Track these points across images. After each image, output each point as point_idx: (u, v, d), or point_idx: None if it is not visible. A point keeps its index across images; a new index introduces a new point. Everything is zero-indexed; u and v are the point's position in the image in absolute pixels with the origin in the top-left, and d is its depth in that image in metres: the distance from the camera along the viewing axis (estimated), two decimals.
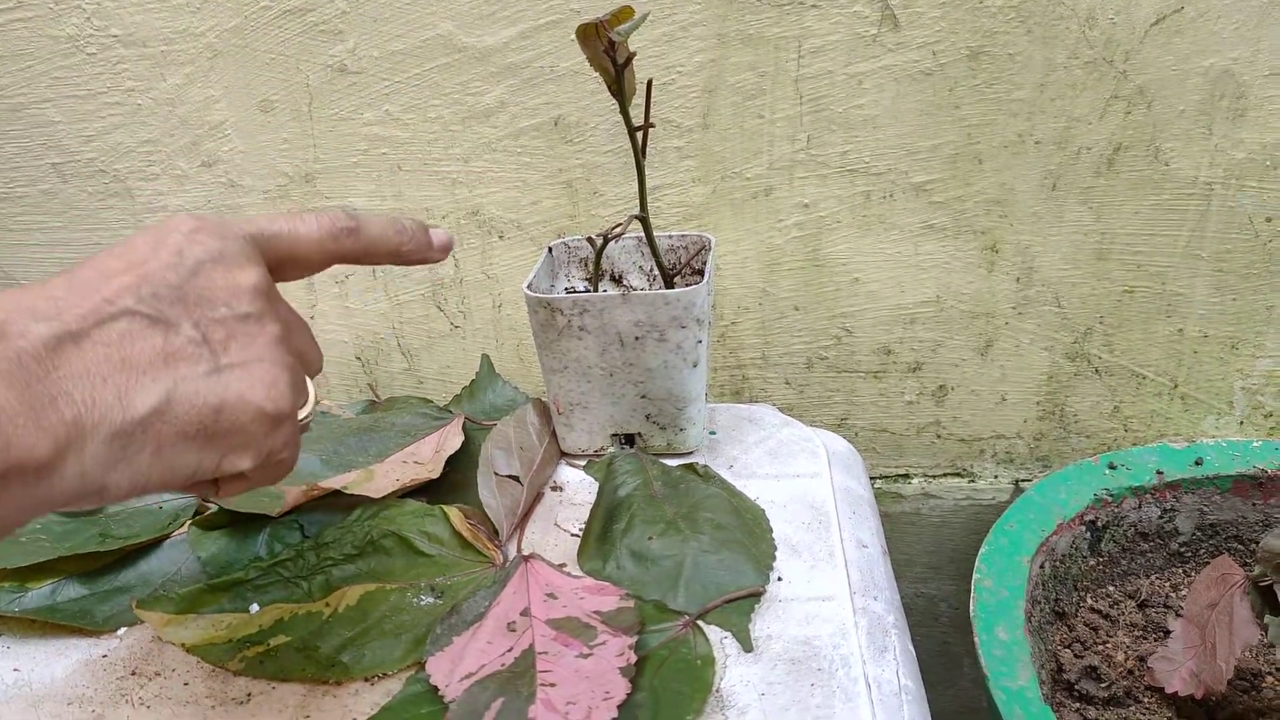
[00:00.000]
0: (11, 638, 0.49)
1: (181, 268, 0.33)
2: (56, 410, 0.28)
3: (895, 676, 0.44)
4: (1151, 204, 0.68)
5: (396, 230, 0.42)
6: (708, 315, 0.57)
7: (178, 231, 0.34)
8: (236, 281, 0.34)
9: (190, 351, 0.32)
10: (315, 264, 0.39)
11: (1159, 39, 0.62)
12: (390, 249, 0.41)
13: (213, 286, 0.33)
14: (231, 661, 0.45)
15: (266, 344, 0.35)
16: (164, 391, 0.31)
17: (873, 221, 0.70)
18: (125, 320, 0.31)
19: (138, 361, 0.31)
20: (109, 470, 0.30)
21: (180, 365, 0.32)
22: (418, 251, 0.43)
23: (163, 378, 0.31)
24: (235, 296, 0.34)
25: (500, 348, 0.79)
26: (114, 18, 0.68)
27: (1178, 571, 0.70)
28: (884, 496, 0.81)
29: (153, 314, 0.31)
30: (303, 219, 0.39)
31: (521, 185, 0.72)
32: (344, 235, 0.39)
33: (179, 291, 0.32)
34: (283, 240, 0.38)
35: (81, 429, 0.29)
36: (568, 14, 0.65)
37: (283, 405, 0.34)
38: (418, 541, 0.51)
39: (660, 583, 0.49)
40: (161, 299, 0.32)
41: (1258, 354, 0.72)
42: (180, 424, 0.31)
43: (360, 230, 0.40)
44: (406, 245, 0.42)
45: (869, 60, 0.65)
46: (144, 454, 0.31)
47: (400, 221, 0.42)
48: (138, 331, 0.31)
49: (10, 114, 0.73)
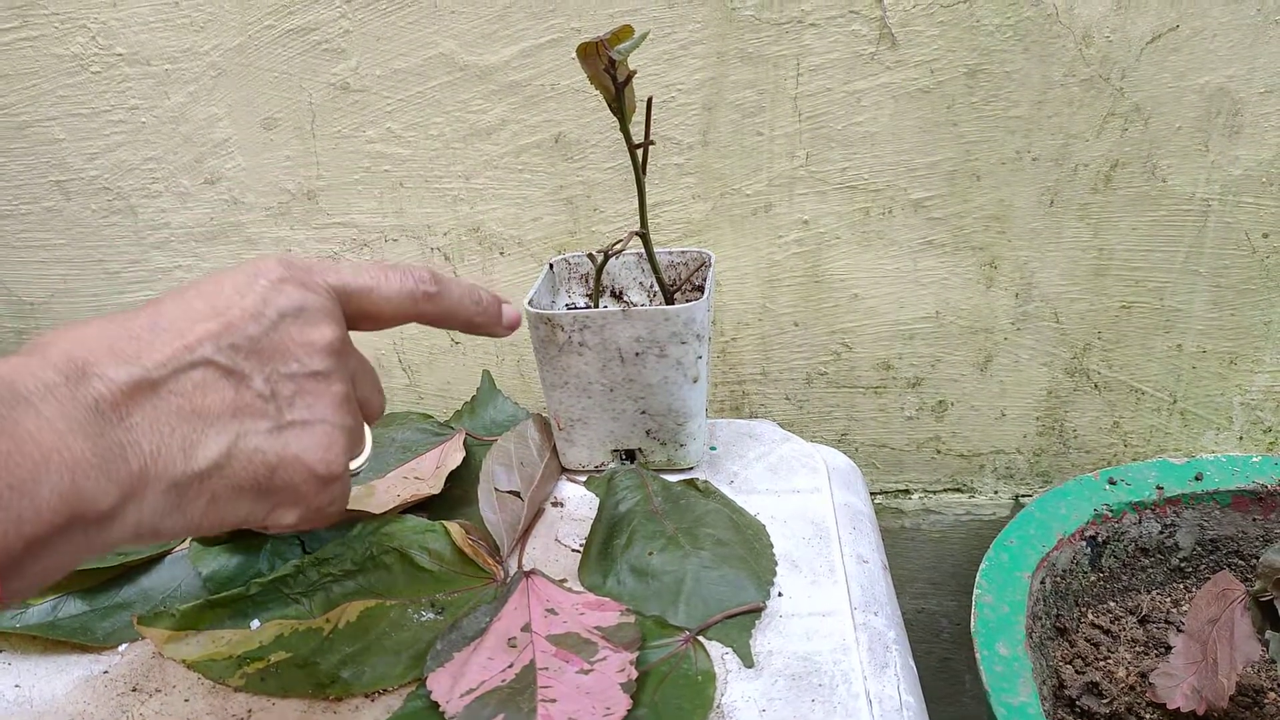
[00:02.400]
0: (12, 654, 0.49)
1: (263, 319, 0.33)
2: (125, 462, 0.28)
3: (896, 692, 0.44)
4: (1149, 220, 0.68)
5: (474, 301, 0.42)
6: (708, 331, 0.57)
7: (265, 277, 0.34)
8: (312, 338, 0.34)
9: (258, 406, 0.32)
10: (391, 322, 0.39)
11: (1155, 57, 0.63)
12: (464, 318, 0.42)
13: (290, 341, 0.34)
14: (232, 678, 0.44)
15: (330, 405, 0.35)
16: (227, 445, 0.31)
17: (872, 238, 0.71)
18: (201, 370, 0.31)
19: (207, 413, 0.31)
20: (164, 518, 0.30)
21: (245, 419, 0.32)
22: (488, 326, 0.43)
23: (228, 430, 0.31)
24: (310, 353, 0.34)
25: (501, 363, 0.80)
26: (119, 37, 0.69)
27: (1178, 587, 0.70)
28: (884, 512, 0.81)
29: (229, 365, 0.32)
30: (388, 275, 0.39)
31: (522, 202, 0.72)
32: (424, 300, 0.40)
33: (256, 344, 0.33)
34: (366, 297, 0.38)
35: (145, 480, 0.29)
36: (568, 33, 0.66)
37: (335, 469, 0.35)
38: (418, 557, 0.51)
39: (661, 598, 0.49)
40: (239, 350, 0.32)
41: (1256, 369, 0.72)
42: (237, 479, 0.32)
43: (441, 296, 0.40)
44: (479, 318, 0.42)
45: (867, 78, 0.65)
46: (198, 504, 0.31)
47: (478, 292, 0.42)
48: (212, 382, 0.31)
49: (15, 131, 0.73)
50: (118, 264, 0.78)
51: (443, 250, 0.75)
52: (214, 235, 0.76)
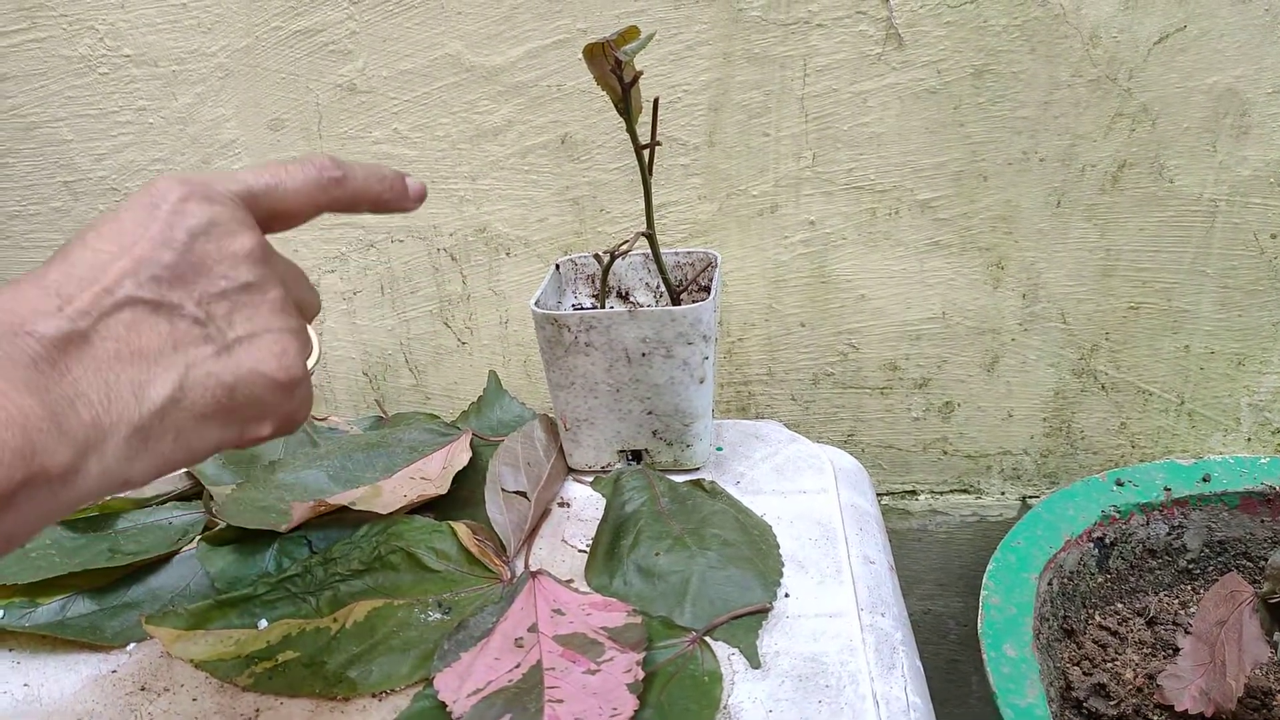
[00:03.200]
0: (22, 653, 0.49)
1: (175, 243, 0.32)
2: (76, 414, 0.28)
3: (903, 693, 0.44)
4: (1156, 221, 0.68)
5: (379, 179, 0.41)
6: (714, 332, 0.57)
7: (165, 202, 0.33)
8: (232, 250, 0.33)
9: (197, 333, 0.31)
10: (304, 215, 0.38)
11: (1162, 57, 0.62)
12: (372, 197, 0.41)
13: (209, 259, 0.32)
14: (240, 677, 0.45)
15: (271, 311, 0.34)
16: (177, 378, 0.30)
17: (878, 238, 0.70)
18: (129, 310, 0.30)
19: (147, 351, 0.30)
20: (130, 463, 0.30)
21: (189, 349, 0.31)
22: (396, 200, 0.42)
23: (174, 364, 0.31)
24: (233, 267, 0.33)
25: (507, 364, 0.80)
26: (126, 38, 0.69)
27: (1186, 589, 0.69)
28: (891, 513, 0.81)
29: (155, 299, 0.31)
30: (289, 170, 0.37)
31: (529, 203, 0.72)
32: (332, 185, 0.38)
33: (176, 270, 0.32)
34: (272, 195, 0.37)
35: (101, 429, 0.28)
36: (575, 34, 0.66)
37: (295, 371, 0.34)
38: (425, 557, 0.51)
39: (667, 599, 0.49)
40: (160, 281, 0.31)
41: (1264, 370, 0.72)
42: (197, 407, 0.31)
43: (346, 179, 0.39)
44: (386, 194, 0.41)
45: (874, 79, 0.65)
46: (164, 442, 0.30)
47: (380, 169, 0.41)
48: (143, 320, 0.30)
49: (23, 133, 0.74)
50: None
51: (449, 251, 0.75)
52: None
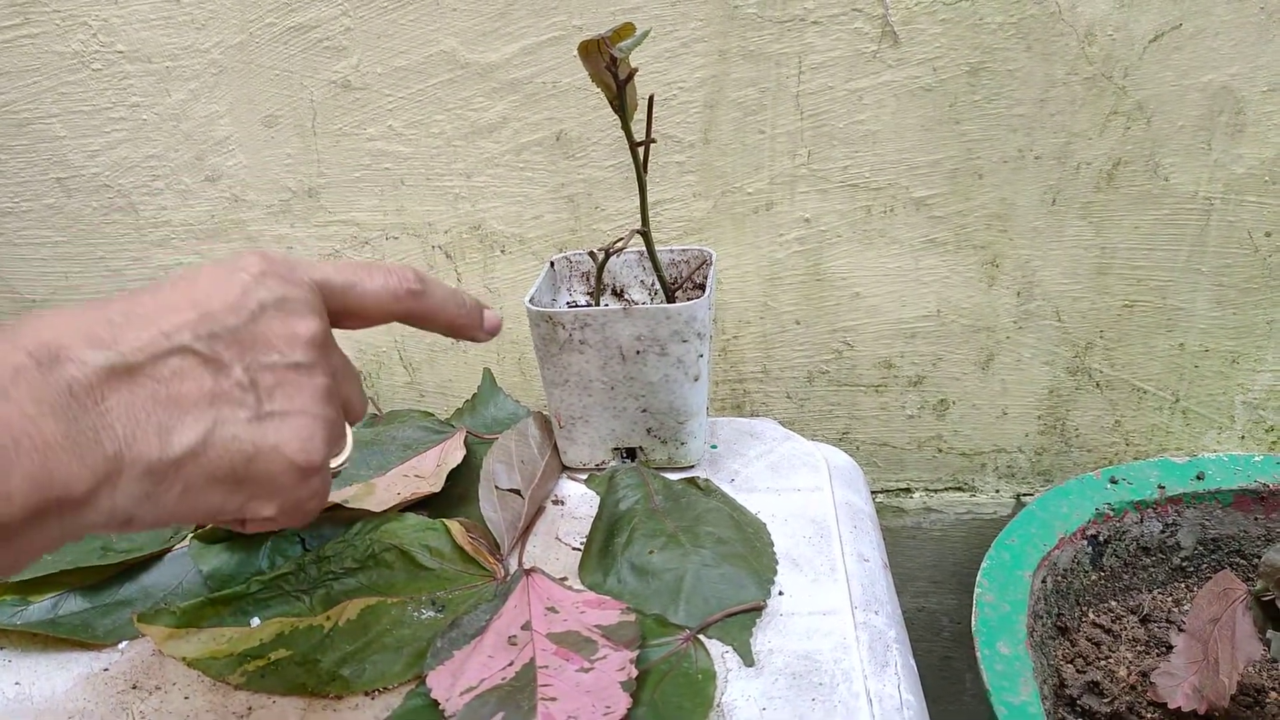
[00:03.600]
0: (13, 651, 0.49)
1: (243, 310, 0.33)
2: (99, 445, 0.28)
3: (897, 691, 0.44)
4: (1151, 219, 0.68)
5: (457, 303, 0.42)
6: (709, 329, 0.57)
7: (245, 272, 0.34)
8: (294, 330, 0.34)
9: (236, 395, 0.32)
10: (375, 319, 0.39)
11: (1158, 55, 0.62)
12: (447, 319, 0.41)
13: (270, 332, 0.33)
14: (232, 675, 0.45)
15: (311, 396, 0.34)
16: (203, 432, 0.31)
17: (873, 236, 0.70)
18: (179, 358, 0.31)
19: (184, 400, 0.30)
20: (139, 504, 0.30)
21: (223, 407, 0.31)
22: (470, 329, 0.43)
23: (204, 418, 0.31)
24: (291, 344, 0.34)
25: (502, 361, 0.80)
26: (119, 34, 0.69)
27: (1180, 586, 0.70)
28: (885, 511, 0.81)
29: (207, 353, 0.31)
30: (371, 273, 0.38)
31: (523, 200, 0.72)
32: (409, 298, 0.39)
33: (236, 334, 0.32)
34: (349, 293, 0.37)
35: (120, 464, 0.28)
36: (570, 30, 0.65)
37: (314, 460, 0.34)
38: (419, 555, 0.51)
39: (661, 597, 0.49)
40: (218, 339, 0.32)
41: (1258, 368, 0.72)
42: (213, 466, 0.31)
43: (425, 295, 0.40)
44: (461, 319, 0.42)
45: (869, 76, 0.65)
46: (172, 491, 0.30)
47: (461, 295, 0.42)
48: (189, 370, 0.31)
49: (16, 129, 0.73)
50: (119, 261, 0.78)
51: (444, 248, 0.75)
52: (215, 233, 0.76)
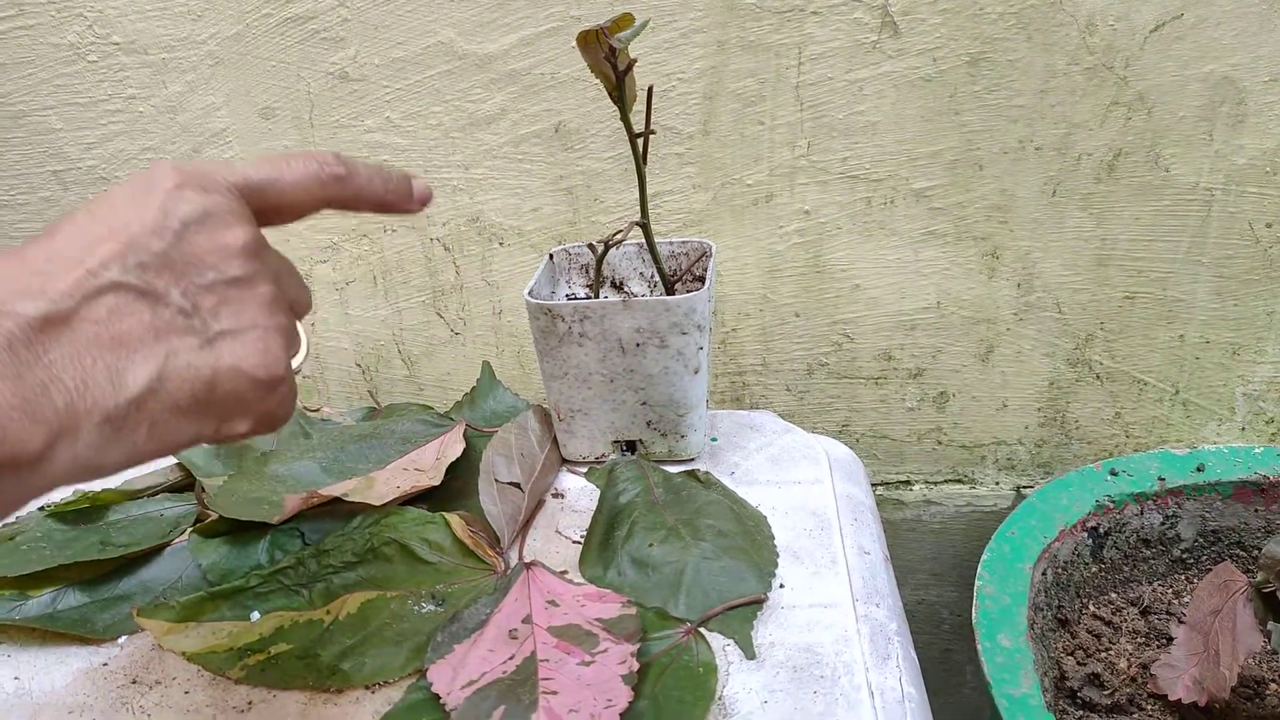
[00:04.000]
0: (12, 646, 0.49)
1: (167, 231, 0.31)
2: (49, 399, 0.27)
3: (898, 684, 0.44)
4: (1152, 210, 0.68)
5: (384, 179, 0.40)
6: (708, 322, 0.57)
7: (160, 189, 0.32)
8: (225, 243, 0.32)
9: (180, 323, 0.31)
10: (303, 210, 0.37)
11: (1159, 45, 0.62)
12: (375, 197, 0.40)
13: (200, 250, 0.32)
14: (232, 669, 0.44)
15: (259, 308, 0.33)
16: (155, 368, 0.30)
17: (873, 228, 0.70)
18: (113, 295, 0.29)
19: (128, 338, 0.29)
20: (102, 452, 0.29)
21: (171, 338, 0.30)
22: (400, 201, 0.41)
23: (154, 354, 0.30)
24: (224, 259, 0.32)
25: (501, 354, 0.79)
26: (115, 25, 0.69)
27: (1180, 578, 0.70)
28: (885, 503, 0.81)
29: (140, 285, 0.30)
30: (290, 163, 0.36)
31: (522, 192, 0.72)
32: (332, 181, 0.37)
33: (165, 258, 0.31)
34: (271, 188, 0.36)
35: (75, 415, 0.28)
36: (568, 21, 0.65)
37: (277, 370, 0.33)
38: (419, 549, 0.51)
39: (662, 590, 0.49)
40: (148, 268, 0.30)
41: (1259, 360, 0.72)
42: (174, 399, 0.30)
43: (349, 177, 0.38)
44: (390, 195, 0.40)
45: (869, 67, 0.65)
46: (139, 432, 0.30)
47: (386, 170, 0.40)
48: (126, 305, 0.30)
49: (11, 121, 0.73)
50: None
51: (442, 240, 0.75)
52: None
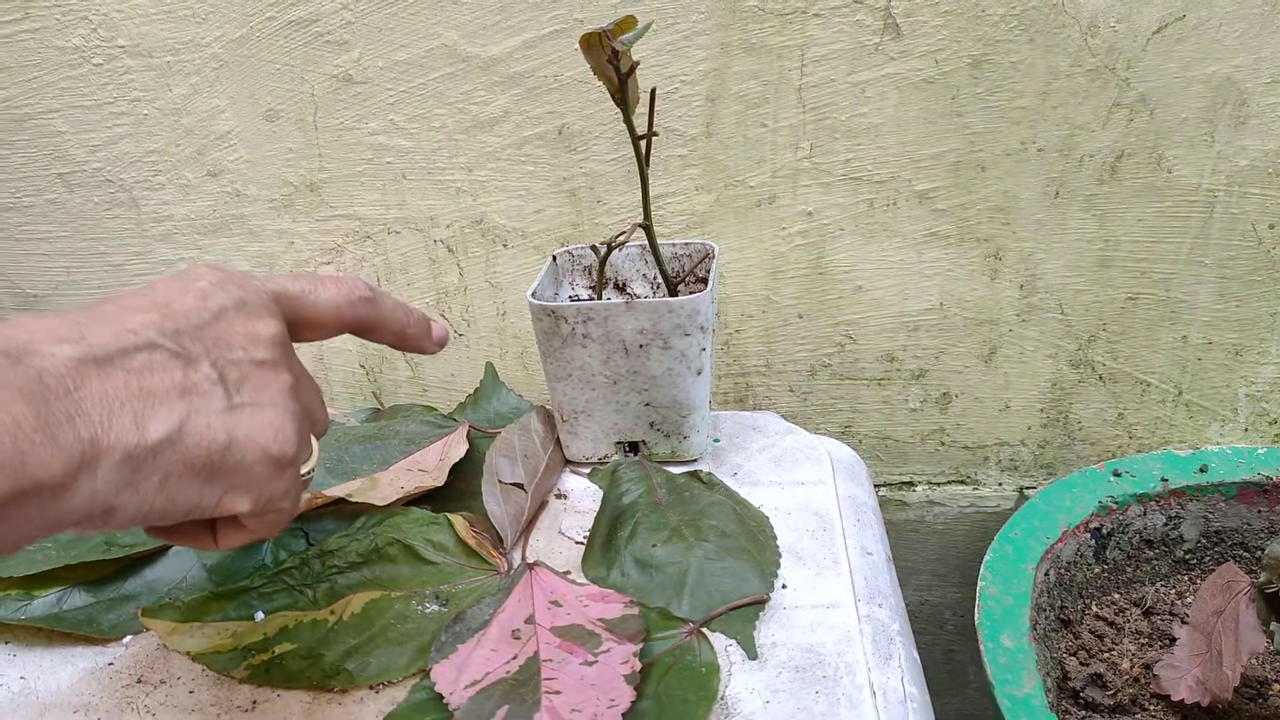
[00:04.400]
0: (18, 646, 0.49)
1: (205, 311, 0.34)
2: (74, 429, 0.28)
3: (900, 684, 0.44)
4: (1155, 211, 0.68)
5: (405, 313, 0.44)
6: (711, 323, 0.57)
7: (203, 279, 0.35)
8: (255, 330, 0.35)
9: (206, 387, 0.33)
10: (329, 328, 0.40)
11: (1161, 47, 0.62)
12: (397, 329, 0.43)
13: (233, 331, 0.35)
14: (237, 669, 0.45)
15: (279, 391, 0.35)
16: (178, 421, 0.31)
17: (876, 229, 0.70)
18: (147, 352, 0.32)
19: (156, 391, 0.31)
20: (118, 493, 0.30)
21: (195, 398, 0.32)
22: (418, 339, 0.45)
23: (178, 408, 0.32)
24: (253, 343, 0.35)
25: (504, 356, 0.80)
26: (120, 28, 0.69)
27: (1183, 579, 0.70)
28: (888, 504, 0.81)
29: (174, 349, 0.32)
30: (324, 283, 0.40)
31: (525, 194, 0.72)
32: (361, 305, 0.41)
33: (200, 332, 0.34)
34: (303, 302, 0.39)
35: (97, 449, 0.29)
36: (571, 24, 0.65)
37: (288, 450, 0.35)
38: (422, 549, 0.51)
39: (664, 590, 0.49)
40: (183, 335, 0.33)
41: (1262, 361, 0.72)
42: (189, 455, 0.32)
43: (376, 303, 0.42)
44: (410, 330, 0.44)
45: (872, 69, 0.65)
46: (151, 481, 0.31)
47: (410, 306, 0.44)
48: (158, 363, 0.32)
49: (16, 124, 0.73)
50: (120, 256, 0.78)
51: (445, 242, 0.75)
52: (217, 228, 0.76)
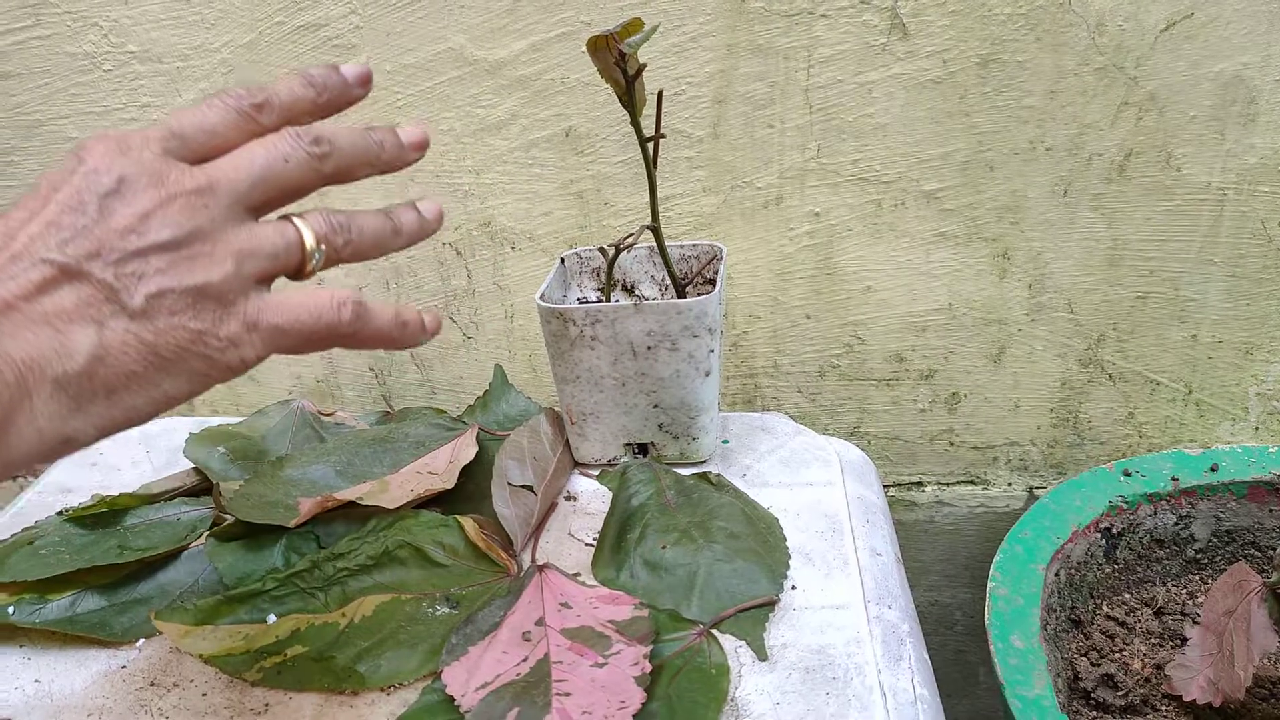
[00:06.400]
0: (32, 649, 0.49)
1: (87, 206, 0.32)
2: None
3: (910, 685, 0.44)
4: (1164, 210, 0.67)
5: (304, 84, 0.38)
6: (719, 324, 0.57)
7: (85, 162, 0.32)
8: (143, 207, 0.32)
9: (112, 295, 0.31)
10: (229, 148, 0.36)
11: (1169, 45, 0.62)
12: (307, 107, 0.38)
13: (119, 219, 0.32)
14: (249, 672, 0.45)
15: (194, 261, 0.33)
16: (95, 338, 0.30)
17: (884, 229, 0.70)
18: (38, 271, 0.30)
19: (62, 313, 0.30)
20: (66, 421, 0.30)
21: (104, 308, 0.31)
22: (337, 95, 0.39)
23: (90, 325, 0.30)
24: (144, 224, 0.32)
25: (513, 358, 0.80)
26: (130, 34, 0.69)
27: (1194, 579, 0.69)
28: (897, 504, 0.81)
29: (63, 262, 0.31)
30: (207, 104, 0.35)
31: (533, 196, 0.72)
32: (253, 112, 0.36)
33: (87, 232, 0.31)
34: (194, 134, 0.35)
35: (25, 384, 0.29)
36: (578, 26, 0.65)
37: (219, 321, 0.33)
38: (433, 552, 0.51)
39: (674, 592, 0.49)
40: (68, 244, 0.31)
41: (1272, 359, 0.72)
42: (125, 366, 0.31)
43: (269, 103, 0.36)
44: (322, 96, 0.38)
45: (879, 69, 0.65)
46: (98, 402, 0.31)
47: (310, 74, 0.38)
48: (53, 281, 0.30)
49: (28, 130, 0.74)
50: None
51: (454, 245, 0.75)
52: None
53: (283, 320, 0.35)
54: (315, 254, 0.37)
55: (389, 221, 0.40)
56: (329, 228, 0.37)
